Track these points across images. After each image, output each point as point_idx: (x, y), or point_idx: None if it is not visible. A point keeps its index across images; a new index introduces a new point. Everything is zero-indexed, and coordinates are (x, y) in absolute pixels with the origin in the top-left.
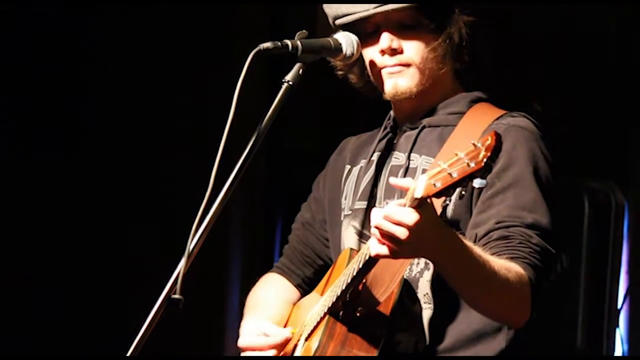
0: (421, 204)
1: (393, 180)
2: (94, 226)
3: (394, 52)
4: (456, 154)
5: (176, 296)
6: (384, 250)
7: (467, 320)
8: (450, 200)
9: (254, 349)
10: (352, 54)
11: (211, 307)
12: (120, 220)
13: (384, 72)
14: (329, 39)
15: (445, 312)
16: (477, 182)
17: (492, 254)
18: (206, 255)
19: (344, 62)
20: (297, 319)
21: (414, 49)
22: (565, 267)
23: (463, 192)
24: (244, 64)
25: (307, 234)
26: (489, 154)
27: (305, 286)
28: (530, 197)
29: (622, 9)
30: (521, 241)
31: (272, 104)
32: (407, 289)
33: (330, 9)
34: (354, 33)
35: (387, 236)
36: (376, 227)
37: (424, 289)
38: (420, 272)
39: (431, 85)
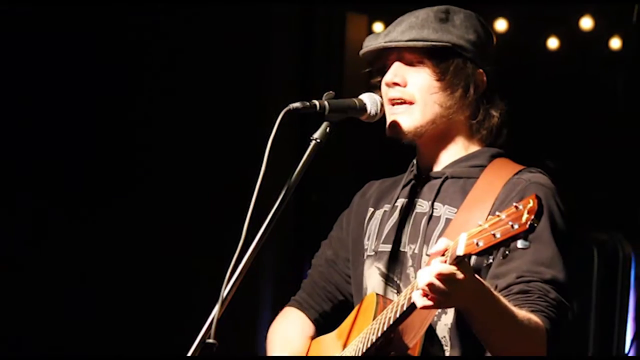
0: (461, 261)
1: (431, 251)
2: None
3: (396, 84)
4: (498, 215)
5: (211, 340)
6: (430, 303)
7: None
8: (492, 259)
9: None
10: (376, 113)
11: (243, 354)
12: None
13: (387, 109)
14: (354, 99)
15: (460, 356)
16: (520, 243)
17: (512, 305)
18: (238, 302)
19: (369, 120)
20: (318, 355)
21: (416, 86)
22: (575, 313)
23: (507, 252)
24: (275, 123)
25: (331, 270)
26: (532, 217)
27: (322, 320)
28: (548, 253)
29: (630, 61)
30: (540, 295)
31: (301, 160)
32: (429, 332)
33: (363, 44)
34: (380, 67)
35: (436, 291)
36: (429, 285)
37: (441, 332)
38: (438, 316)
39: (445, 135)
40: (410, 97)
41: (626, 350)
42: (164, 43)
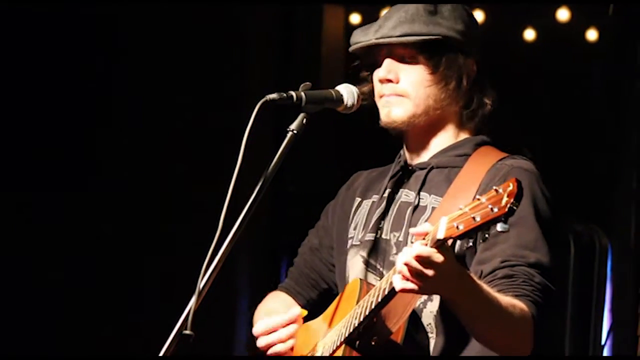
0: (441, 245)
1: (413, 230)
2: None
3: (389, 81)
4: (478, 199)
5: (187, 332)
6: (409, 285)
7: (466, 352)
8: (472, 242)
9: (268, 330)
10: (353, 104)
11: (219, 343)
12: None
13: (380, 101)
14: (331, 90)
15: (445, 343)
16: (500, 226)
17: (498, 290)
18: (215, 293)
19: (346, 111)
20: (304, 341)
21: (409, 82)
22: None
23: (486, 235)
24: (252, 114)
25: (315, 258)
26: (512, 200)
27: (309, 307)
28: (532, 237)
29: (607, 56)
30: (524, 280)
31: (277, 151)
32: (414, 318)
33: (351, 39)
34: (369, 62)
35: (415, 274)
36: (406, 264)
37: (427, 319)
38: (424, 303)
39: (436, 125)
40: (403, 92)
41: (602, 342)
42: (140, 36)
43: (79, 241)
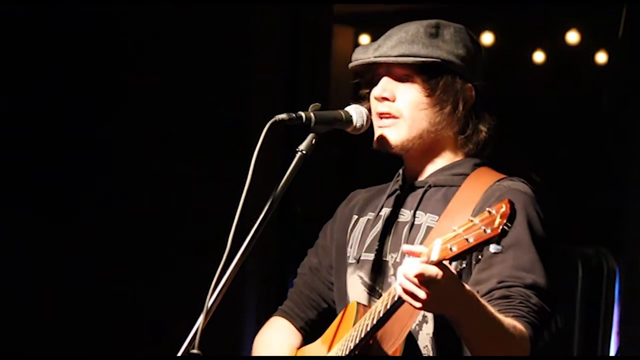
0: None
1: (406, 248)
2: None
3: (385, 99)
4: (471, 220)
5: (195, 351)
6: (408, 298)
7: None
8: (465, 264)
9: None
10: (362, 125)
11: None
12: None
13: (375, 123)
14: (340, 111)
15: (452, 356)
16: (493, 248)
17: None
18: (223, 312)
19: (355, 132)
20: None
21: (405, 101)
22: (560, 327)
23: (480, 257)
24: (261, 134)
25: (314, 278)
26: (504, 221)
27: (308, 328)
28: (528, 258)
29: (615, 78)
30: (521, 301)
31: (286, 172)
32: (410, 341)
33: (352, 56)
34: (369, 80)
35: (423, 284)
36: (417, 277)
37: (423, 342)
38: (419, 325)
39: (431, 149)
40: (398, 112)
41: None
42: (142, 37)
43: (79, 241)
